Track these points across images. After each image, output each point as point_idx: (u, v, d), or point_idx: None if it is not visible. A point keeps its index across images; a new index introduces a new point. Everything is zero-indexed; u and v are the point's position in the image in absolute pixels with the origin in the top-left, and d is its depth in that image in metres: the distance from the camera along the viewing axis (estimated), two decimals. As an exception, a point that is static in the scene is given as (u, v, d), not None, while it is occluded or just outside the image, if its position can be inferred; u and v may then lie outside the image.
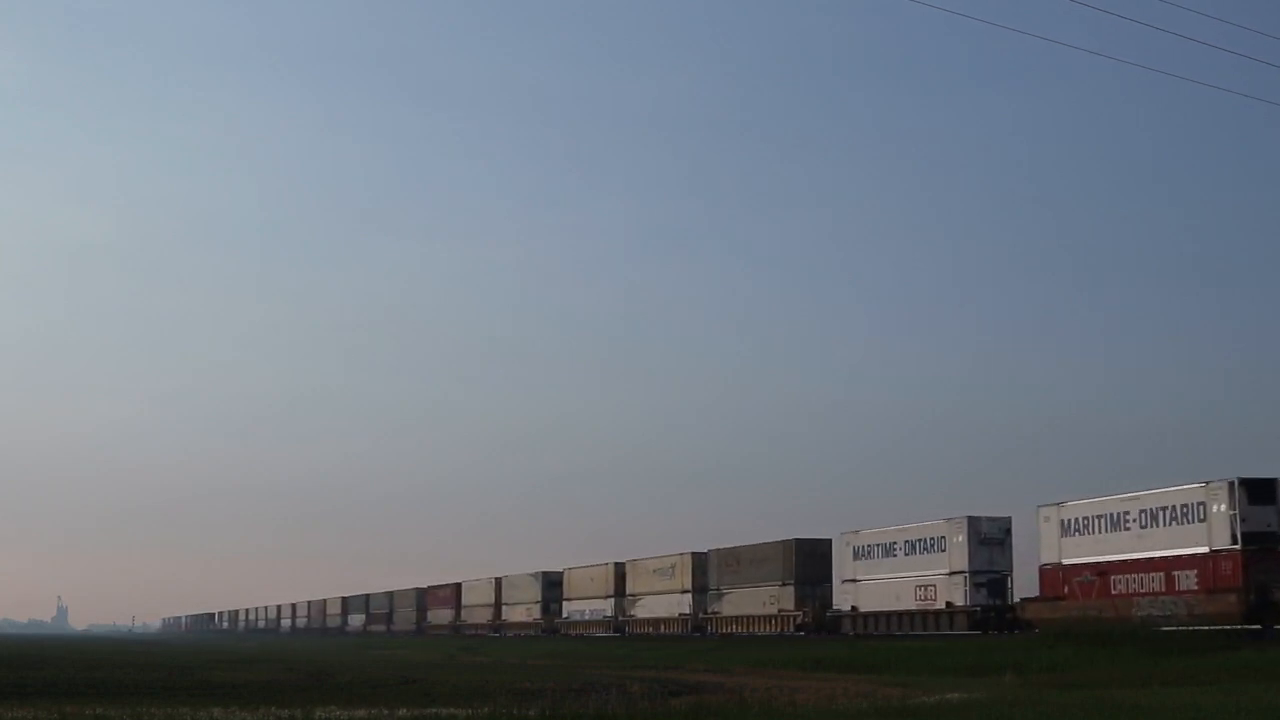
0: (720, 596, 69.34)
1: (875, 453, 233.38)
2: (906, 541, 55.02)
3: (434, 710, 21.49)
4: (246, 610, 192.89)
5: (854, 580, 58.24)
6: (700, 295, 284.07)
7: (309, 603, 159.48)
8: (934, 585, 53.01)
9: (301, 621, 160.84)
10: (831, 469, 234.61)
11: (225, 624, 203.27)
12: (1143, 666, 30.57)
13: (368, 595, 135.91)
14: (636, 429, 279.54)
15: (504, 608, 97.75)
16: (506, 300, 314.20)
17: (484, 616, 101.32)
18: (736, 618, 67.32)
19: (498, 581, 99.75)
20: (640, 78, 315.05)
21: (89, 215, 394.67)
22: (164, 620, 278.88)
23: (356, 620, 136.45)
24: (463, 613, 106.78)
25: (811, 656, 43.16)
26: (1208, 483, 40.24)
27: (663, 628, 74.45)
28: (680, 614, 72.51)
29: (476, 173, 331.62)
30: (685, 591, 72.34)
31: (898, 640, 49.02)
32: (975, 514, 52.13)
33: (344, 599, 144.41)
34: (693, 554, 71.62)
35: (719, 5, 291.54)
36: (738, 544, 72.64)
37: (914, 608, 53.77)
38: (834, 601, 60.49)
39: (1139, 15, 32.69)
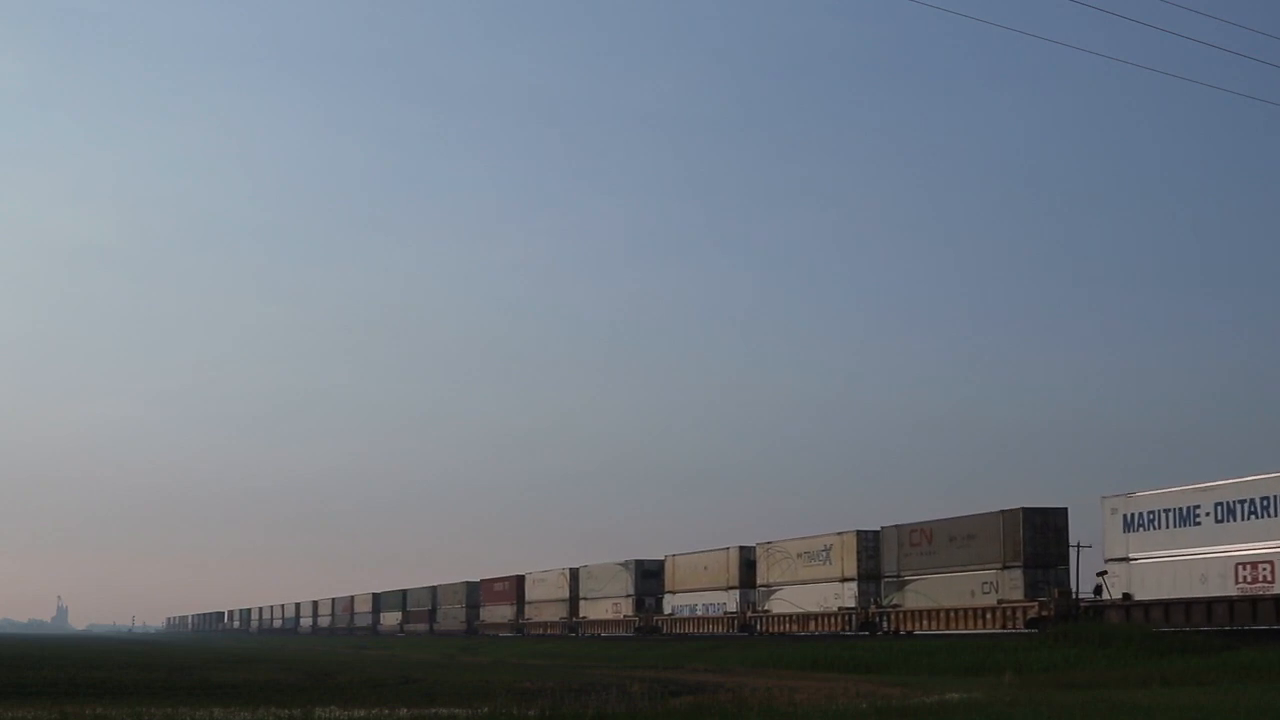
0: (901, 586, 53.48)
1: (875, 453, 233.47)
2: (1221, 504, 39.52)
3: (434, 710, 21.51)
4: (260, 609, 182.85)
5: (1124, 559, 42.44)
6: (700, 296, 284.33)
7: (333, 600, 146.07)
8: (1273, 562, 37.31)
9: (325, 621, 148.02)
10: (831, 469, 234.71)
11: (236, 623, 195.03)
12: (1143, 666, 30.59)
13: (405, 591, 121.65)
14: (636, 429, 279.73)
15: (582, 603, 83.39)
16: (506, 300, 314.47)
17: (555, 613, 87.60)
18: (928, 612, 51.84)
19: (573, 573, 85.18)
20: (640, 78, 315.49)
21: (88, 216, 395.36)
22: (168, 620, 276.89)
23: (391, 619, 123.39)
24: (527, 609, 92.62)
25: (812, 656, 43.20)
26: None
27: (813, 625, 59.02)
28: (840, 608, 56.99)
29: (476, 173, 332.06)
30: (847, 580, 56.81)
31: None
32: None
33: (375, 595, 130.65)
34: (858, 533, 56.60)
35: (719, 5, 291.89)
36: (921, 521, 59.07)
37: (1235, 593, 38.09)
38: (1076, 588, 46.09)
39: (1139, 15, 32.70)
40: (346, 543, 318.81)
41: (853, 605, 56.20)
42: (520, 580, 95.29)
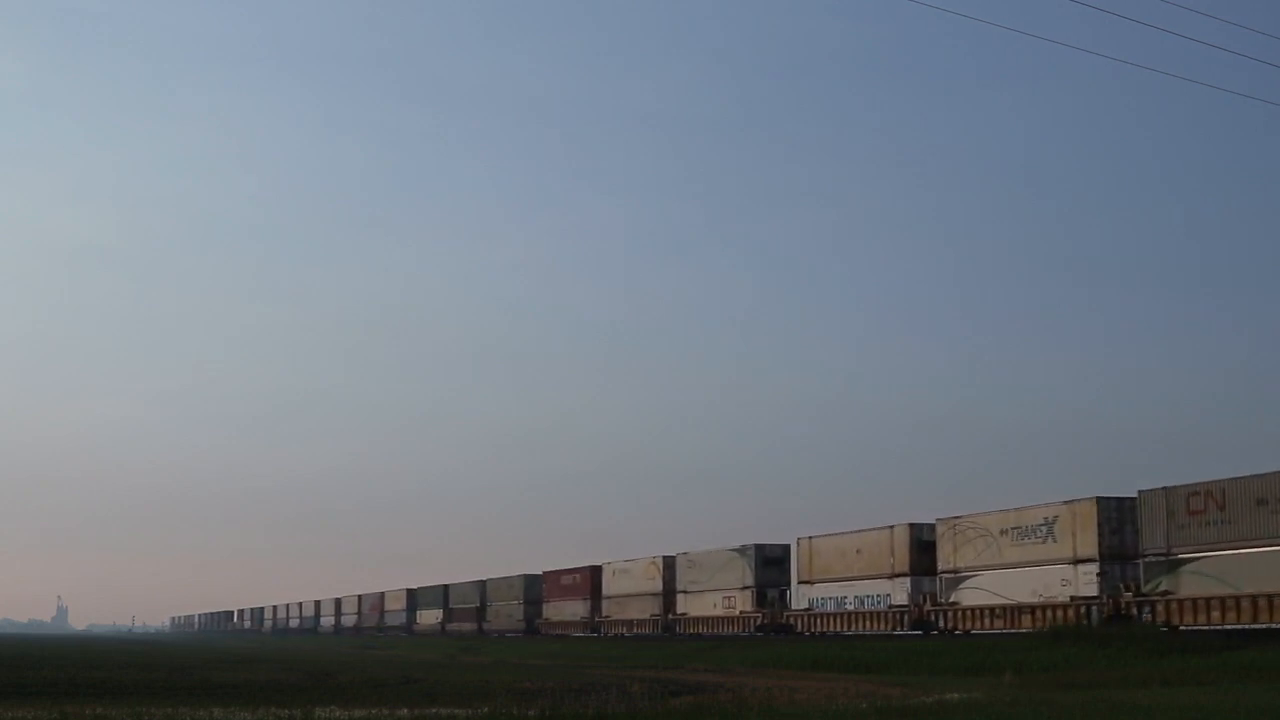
0: (1172, 569, 39.61)
1: (875, 453, 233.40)
2: None
3: (434, 710, 21.51)
4: (274, 608, 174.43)
5: None
6: (700, 295, 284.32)
7: (360, 598, 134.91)
8: None
9: (349, 620, 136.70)
10: (831, 469, 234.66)
11: (247, 623, 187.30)
12: (1143, 666, 30.59)
13: (447, 587, 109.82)
14: (636, 429, 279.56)
15: (680, 597, 71.17)
16: (506, 300, 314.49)
17: (643, 609, 74.86)
18: (1221, 600, 37.82)
19: (668, 562, 72.71)
20: (640, 78, 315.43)
21: (88, 216, 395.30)
22: (172, 619, 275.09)
23: (429, 617, 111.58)
24: (606, 605, 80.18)
25: (812, 656, 43.19)
26: None
27: (1030, 619, 45.28)
28: (1074, 597, 43.57)
29: (476, 173, 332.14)
30: (1077, 562, 43.75)
31: (895, 640, 47.72)
32: None
33: (410, 592, 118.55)
34: (1097, 500, 43.48)
35: (719, 5, 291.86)
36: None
37: None
38: None
39: (1139, 15, 32.70)
40: (347, 543, 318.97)
41: (1094, 593, 42.73)
42: (596, 572, 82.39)
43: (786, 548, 63.58)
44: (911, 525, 52.76)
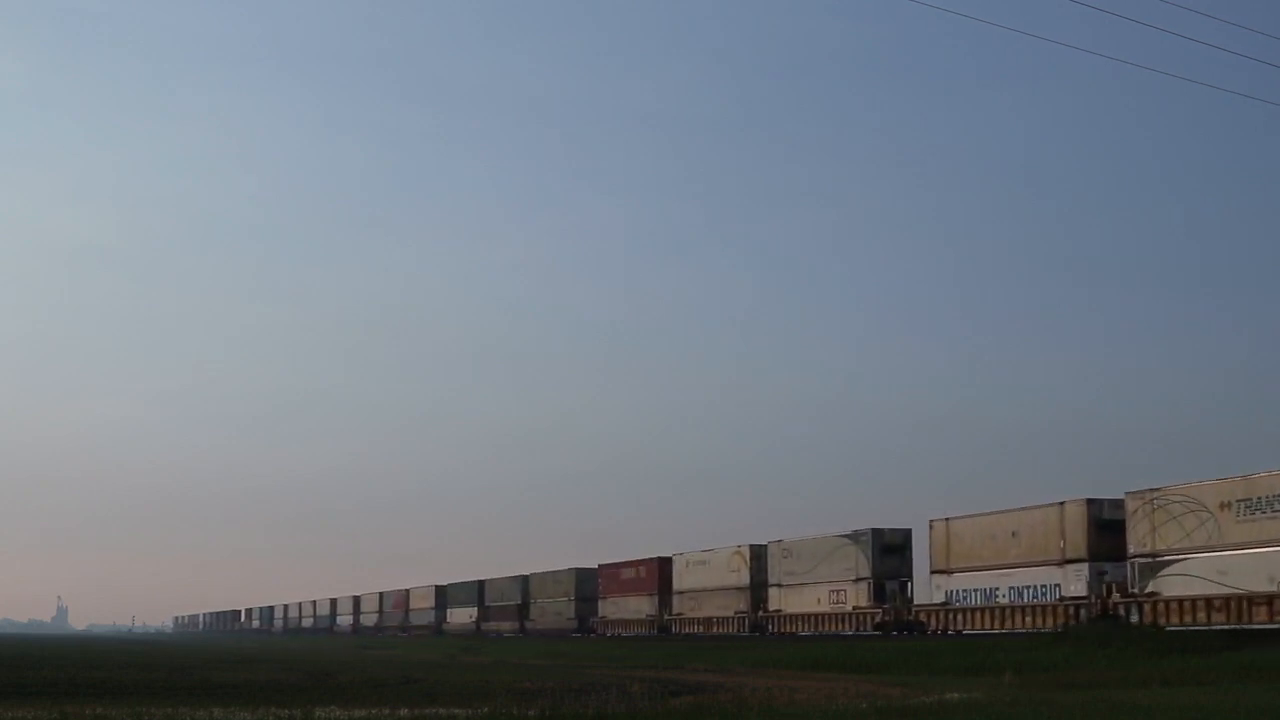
0: None
1: (875, 452, 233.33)
2: None
3: (434, 710, 21.50)
4: (285, 606, 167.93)
5: None
6: (700, 295, 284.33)
7: (380, 595, 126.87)
8: None
9: (370, 619, 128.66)
10: (831, 468, 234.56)
11: (256, 622, 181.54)
12: (1143, 666, 30.59)
13: (482, 583, 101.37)
14: (636, 429, 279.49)
15: (774, 591, 61.94)
16: (506, 300, 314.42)
17: (724, 605, 66.21)
18: None
19: (757, 551, 63.83)
20: (640, 78, 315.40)
21: (88, 216, 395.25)
22: (176, 619, 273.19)
23: (462, 616, 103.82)
24: (675, 601, 71.54)
25: (812, 656, 43.19)
26: None
27: (1263, 612, 36.72)
28: None
29: (476, 173, 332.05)
30: None
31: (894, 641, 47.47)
32: None
33: (439, 589, 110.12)
34: None
35: (719, 5, 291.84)
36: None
37: None
38: None
39: (1139, 15, 32.71)
40: (347, 543, 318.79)
41: None
42: (665, 564, 72.94)
43: (908, 533, 55.45)
44: (1089, 501, 44.32)
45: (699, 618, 68.47)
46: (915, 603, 52.82)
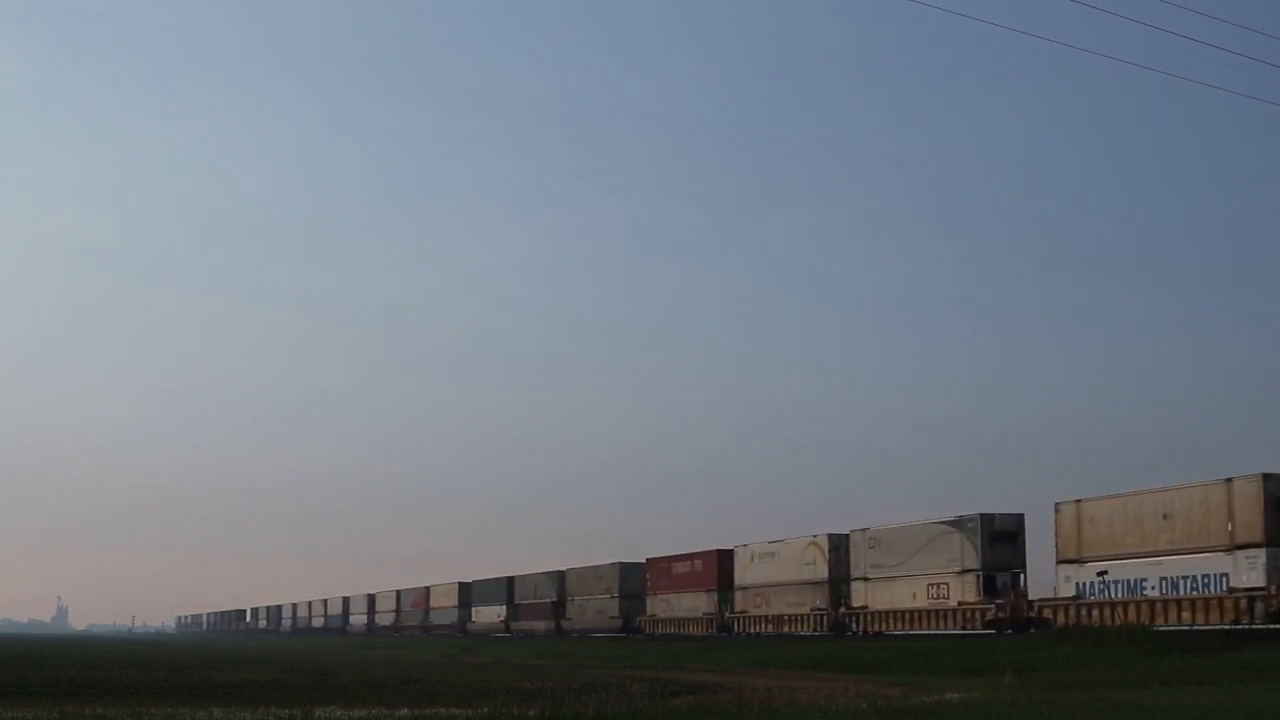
0: None
1: (875, 452, 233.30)
2: None
3: (435, 710, 21.51)
4: (294, 605, 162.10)
5: None
6: (700, 295, 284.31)
7: (398, 594, 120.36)
8: None
9: (386, 618, 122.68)
10: (831, 469, 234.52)
11: (263, 622, 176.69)
12: (1143, 666, 30.59)
13: (511, 579, 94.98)
14: (636, 429, 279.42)
15: (857, 586, 55.46)
16: (506, 300, 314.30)
17: (796, 602, 59.93)
18: None
19: (837, 541, 57.51)
20: (640, 78, 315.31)
21: (88, 216, 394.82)
22: (178, 619, 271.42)
23: (488, 615, 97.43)
24: (738, 598, 64.89)
25: (812, 656, 43.19)
26: None
27: None
28: None
29: (476, 173, 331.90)
30: None
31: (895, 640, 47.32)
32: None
33: (464, 585, 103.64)
34: None
35: (719, 5, 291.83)
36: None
37: None
38: None
39: (1139, 15, 32.71)
40: (347, 542, 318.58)
41: None
42: (725, 557, 66.31)
43: (1020, 518, 49.34)
44: (1266, 476, 38.27)
45: (766, 615, 61.97)
46: (1031, 596, 47.13)
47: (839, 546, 57.28)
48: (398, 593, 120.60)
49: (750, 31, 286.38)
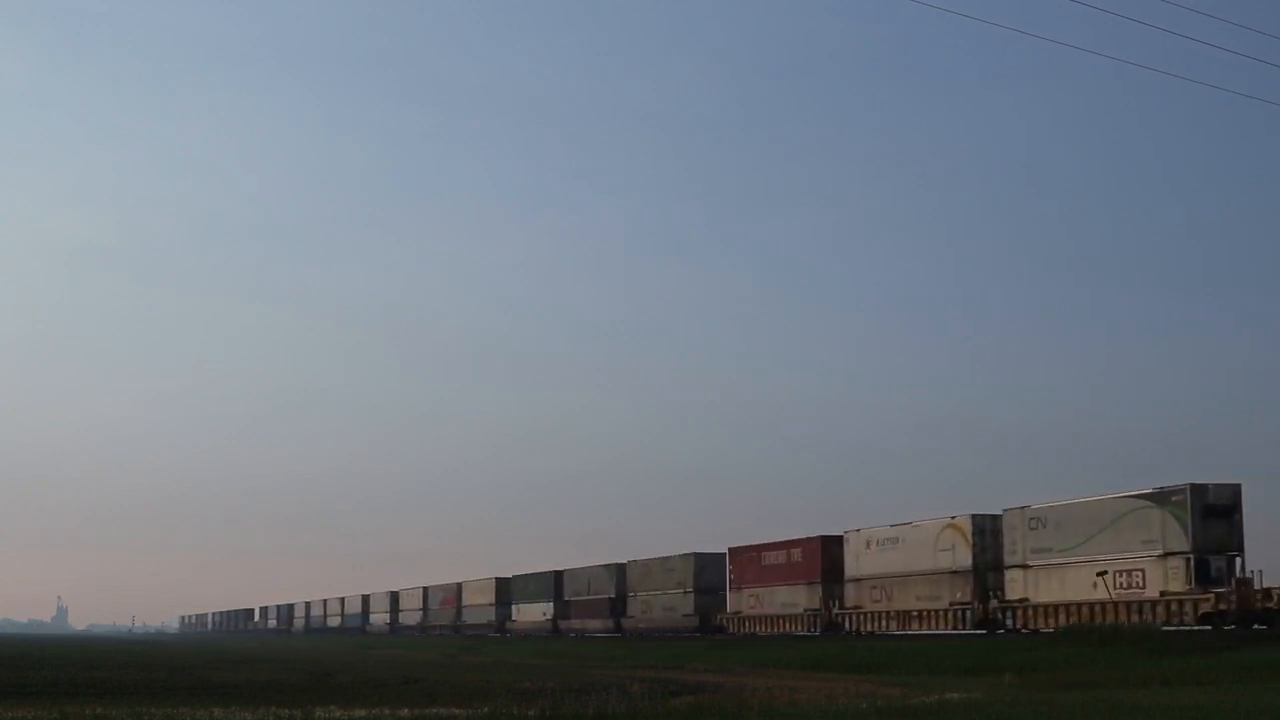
0: None
1: (875, 452, 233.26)
2: None
3: (435, 710, 21.51)
4: (308, 604, 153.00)
5: None
6: (700, 295, 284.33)
7: (424, 590, 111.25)
8: None
9: (411, 616, 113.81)
10: (831, 469, 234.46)
11: (273, 621, 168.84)
12: (1143, 666, 30.58)
13: (559, 573, 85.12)
14: (636, 429, 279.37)
15: (1011, 574, 47.09)
16: (506, 300, 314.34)
17: (931, 595, 50.74)
18: None
19: (981, 524, 48.98)
20: (640, 78, 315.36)
21: (88, 216, 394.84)
22: (182, 619, 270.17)
23: (531, 613, 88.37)
24: (848, 592, 55.68)
25: (812, 656, 43.19)
26: None
27: None
28: None
29: (476, 173, 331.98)
30: None
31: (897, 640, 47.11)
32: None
33: (501, 581, 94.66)
34: None
35: (719, 5, 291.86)
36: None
37: None
38: None
39: (1139, 15, 32.72)
40: (347, 542, 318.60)
41: None
42: (832, 544, 57.22)
43: (1237, 490, 40.98)
44: None
45: (887, 611, 52.78)
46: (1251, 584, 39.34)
47: (985, 529, 48.63)
48: (425, 590, 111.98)
49: (750, 31, 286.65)
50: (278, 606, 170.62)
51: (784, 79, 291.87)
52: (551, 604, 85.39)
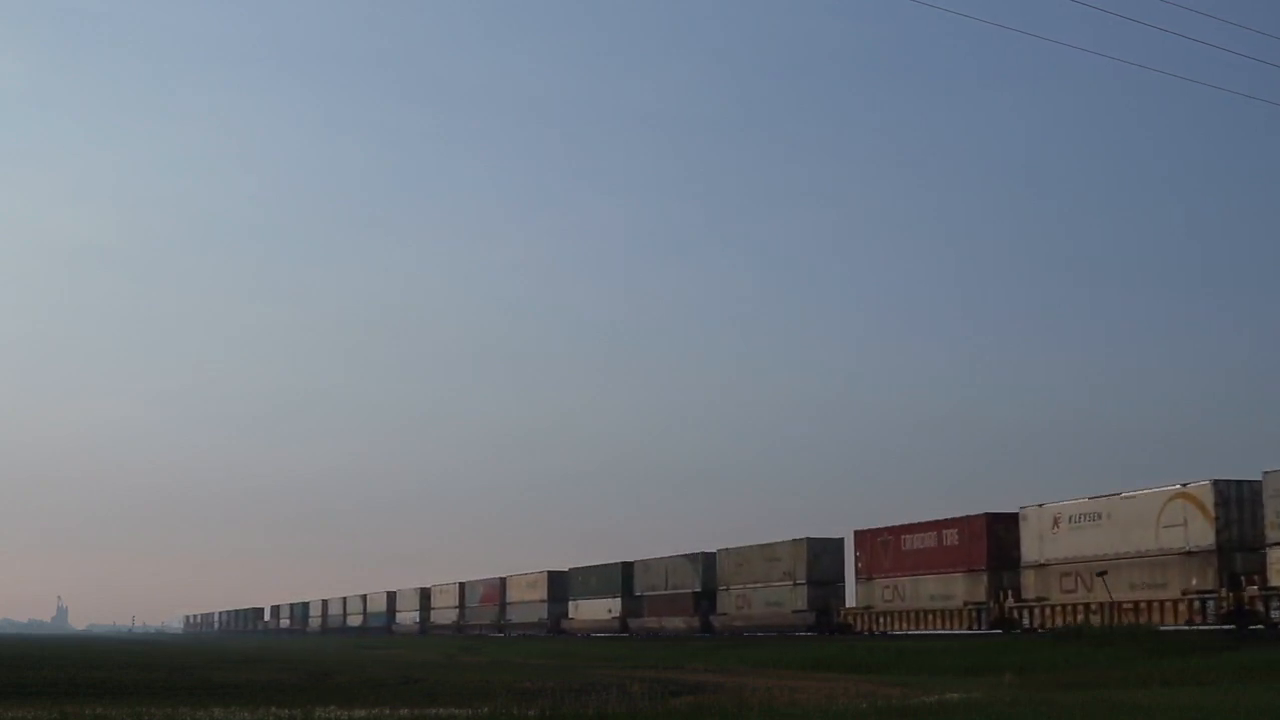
0: None
1: (875, 452, 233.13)
2: None
3: (434, 710, 21.50)
4: (326, 603, 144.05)
5: None
6: (700, 295, 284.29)
7: (461, 586, 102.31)
8: None
9: (445, 615, 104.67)
10: (831, 469, 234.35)
11: (285, 621, 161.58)
12: (1143, 666, 30.58)
13: (628, 565, 75.84)
14: (636, 429, 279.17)
15: (1275, 556, 36.73)
16: (506, 300, 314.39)
17: (1152, 580, 40.46)
18: None
19: (1223, 494, 38.63)
20: (640, 78, 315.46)
21: (88, 216, 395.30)
22: (187, 618, 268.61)
23: (593, 610, 79.34)
24: (1027, 579, 45.38)
25: (812, 656, 43.18)
26: None
27: None
28: None
29: (476, 173, 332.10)
30: None
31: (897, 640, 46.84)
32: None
33: (554, 575, 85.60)
34: None
35: (719, 5, 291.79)
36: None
37: None
38: None
39: (1139, 15, 32.72)
40: (347, 542, 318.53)
41: None
42: (999, 523, 47.05)
43: None
44: None
45: (1084, 603, 42.74)
46: None
47: (1232, 498, 38.46)
48: (460, 585, 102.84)
49: (750, 31, 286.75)
50: (291, 605, 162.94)
51: (784, 79, 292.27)
52: (619, 600, 75.83)
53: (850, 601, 56.19)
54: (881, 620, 52.97)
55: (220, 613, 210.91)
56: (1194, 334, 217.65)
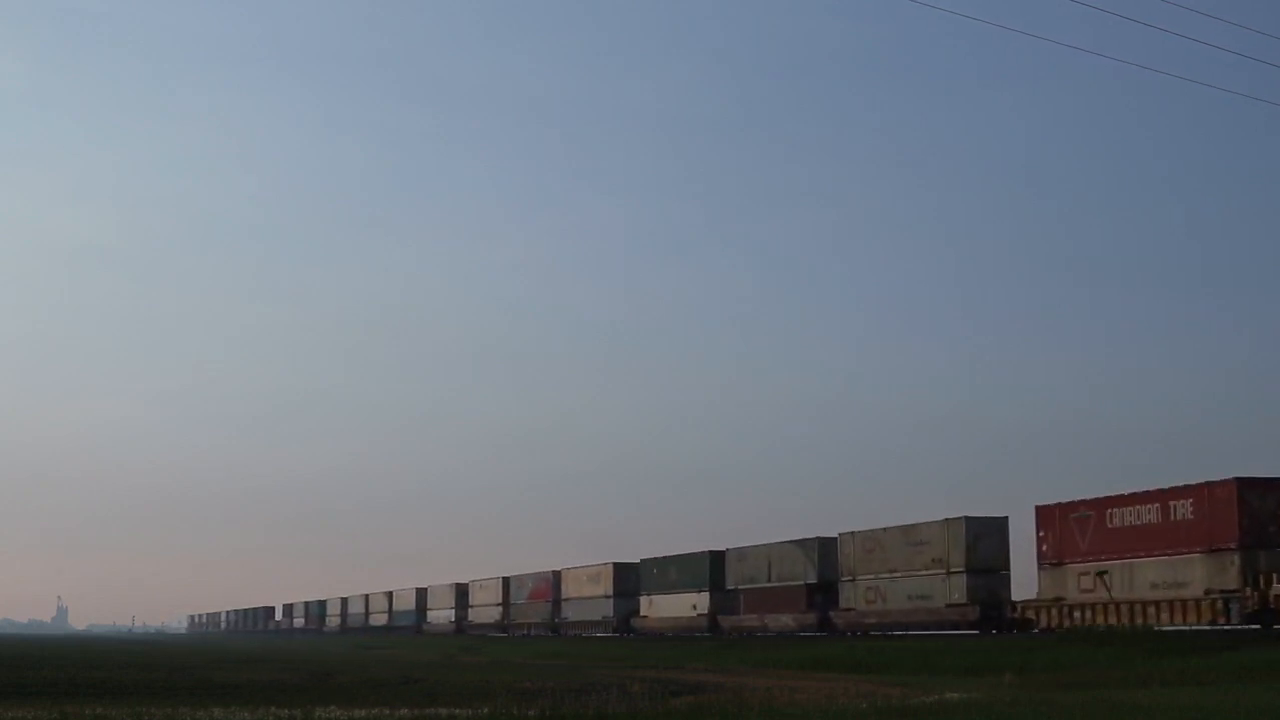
0: None
1: (875, 453, 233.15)
2: None
3: (434, 710, 21.50)
4: (346, 600, 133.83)
5: None
6: (700, 295, 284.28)
7: (504, 581, 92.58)
8: None
9: (487, 613, 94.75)
10: (831, 469, 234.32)
11: (299, 620, 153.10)
12: (1143, 666, 30.59)
13: (719, 554, 65.56)
14: (636, 429, 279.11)
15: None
16: (506, 300, 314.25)
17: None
18: None
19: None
20: (640, 78, 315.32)
21: (88, 216, 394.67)
22: (191, 618, 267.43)
23: (670, 606, 69.62)
24: (1274, 573, 35.59)
25: (812, 656, 43.18)
26: None
27: None
28: None
29: (476, 173, 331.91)
30: None
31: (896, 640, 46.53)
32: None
33: (620, 569, 76.03)
34: None
35: (719, 5, 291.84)
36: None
37: None
38: None
39: (1139, 15, 32.72)
40: (346, 543, 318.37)
41: None
42: (1248, 489, 36.97)
43: None
44: None
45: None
46: None
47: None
48: (504, 580, 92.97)
49: (750, 31, 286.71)
50: (305, 604, 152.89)
51: (784, 79, 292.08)
52: (707, 594, 65.86)
53: (1026, 592, 46.22)
54: (1077, 614, 42.33)
55: (227, 612, 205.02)
56: (1194, 334, 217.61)
